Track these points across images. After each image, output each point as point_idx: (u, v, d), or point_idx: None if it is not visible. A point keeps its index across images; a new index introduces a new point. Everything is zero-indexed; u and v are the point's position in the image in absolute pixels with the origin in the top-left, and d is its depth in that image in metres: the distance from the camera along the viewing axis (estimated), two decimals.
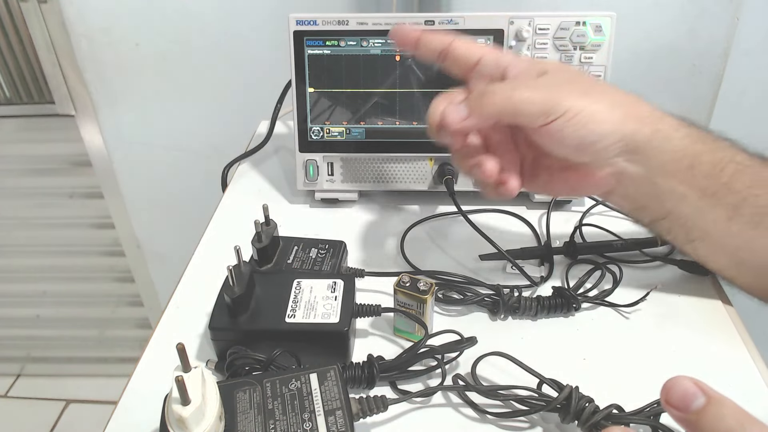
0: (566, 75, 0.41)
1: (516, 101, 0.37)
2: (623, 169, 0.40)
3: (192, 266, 0.53)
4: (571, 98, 0.37)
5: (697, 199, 0.40)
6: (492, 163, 0.40)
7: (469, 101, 0.38)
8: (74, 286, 1.41)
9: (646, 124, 0.39)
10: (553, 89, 0.38)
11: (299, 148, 0.58)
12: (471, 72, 0.41)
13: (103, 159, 1.19)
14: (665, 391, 0.26)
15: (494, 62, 0.40)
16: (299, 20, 0.54)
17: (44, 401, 1.55)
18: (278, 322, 0.41)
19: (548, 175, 0.43)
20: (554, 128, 0.37)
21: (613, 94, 0.39)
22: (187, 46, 1.04)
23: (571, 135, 0.37)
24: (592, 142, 0.38)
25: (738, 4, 0.90)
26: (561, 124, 0.37)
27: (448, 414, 0.39)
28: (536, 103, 0.37)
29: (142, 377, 0.43)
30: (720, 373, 0.41)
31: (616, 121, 0.38)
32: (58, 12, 1.01)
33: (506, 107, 0.38)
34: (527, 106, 0.37)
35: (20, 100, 1.13)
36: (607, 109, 0.38)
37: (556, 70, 0.40)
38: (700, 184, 0.40)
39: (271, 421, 0.34)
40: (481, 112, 0.38)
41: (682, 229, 0.42)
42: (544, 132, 0.38)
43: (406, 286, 0.43)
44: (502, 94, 0.38)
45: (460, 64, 0.42)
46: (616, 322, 0.46)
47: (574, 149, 0.39)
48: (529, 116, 0.37)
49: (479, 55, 0.41)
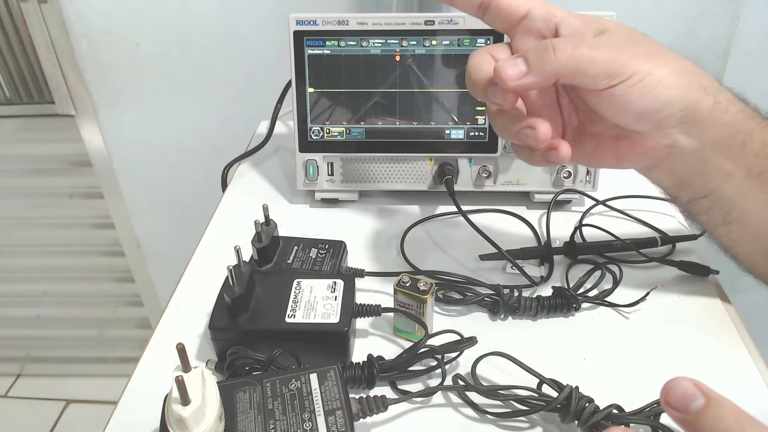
0: (628, 35, 0.38)
1: (581, 59, 0.34)
2: (677, 140, 0.38)
3: (192, 266, 0.53)
4: (637, 61, 0.35)
5: (742, 178, 0.38)
6: (546, 126, 0.36)
7: (529, 56, 0.35)
8: (74, 286, 1.41)
9: (709, 94, 0.36)
10: (618, 50, 0.35)
11: (299, 148, 0.58)
12: (517, 26, 0.38)
13: (103, 159, 1.19)
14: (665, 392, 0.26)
15: (544, 17, 0.37)
16: (299, 20, 0.54)
17: (44, 401, 1.55)
18: (278, 322, 0.41)
19: (595, 143, 0.40)
20: (618, 92, 0.35)
21: (676, 59, 0.37)
22: (187, 46, 1.04)
23: (636, 100, 0.35)
24: (656, 110, 0.36)
25: (738, 4, 0.90)
26: (626, 88, 0.35)
27: (448, 414, 0.39)
28: (601, 63, 0.34)
29: (142, 377, 0.43)
30: (720, 373, 0.41)
31: (682, 87, 0.36)
32: (58, 12, 1.01)
33: (570, 65, 0.34)
34: (592, 66, 0.34)
35: (20, 100, 1.12)
36: (673, 75, 0.36)
37: (616, 29, 0.37)
38: (748, 163, 0.38)
39: (271, 421, 0.34)
40: (542, 69, 0.34)
41: (720, 210, 0.41)
42: (606, 96, 0.35)
43: (406, 286, 0.42)
44: (565, 51, 0.34)
45: (505, 17, 0.38)
46: (616, 322, 0.46)
47: (636, 116, 0.36)
48: (594, 77, 0.35)
49: (527, 8, 0.37)
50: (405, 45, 0.54)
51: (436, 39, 0.54)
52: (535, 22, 0.37)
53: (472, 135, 0.57)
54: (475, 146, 0.57)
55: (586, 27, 0.37)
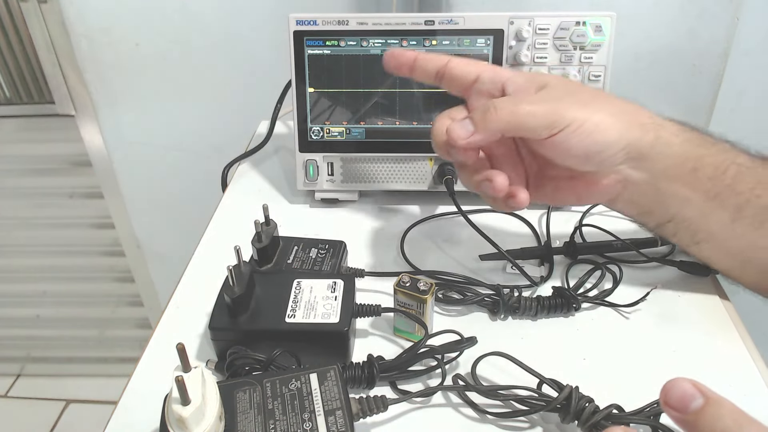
0: (566, 87, 0.41)
1: (520, 115, 0.38)
2: (628, 175, 0.41)
3: (192, 266, 0.53)
4: (573, 109, 0.38)
5: (701, 201, 0.40)
6: (502, 177, 0.40)
7: (473, 117, 0.39)
8: (74, 286, 1.41)
9: (648, 131, 0.39)
10: (555, 102, 0.39)
11: (299, 148, 0.58)
12: (469, 90, 0.42)
13: (103, 159, 1.19)
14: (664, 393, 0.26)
15: (492, 78, 0.41)
16: (299, 20, 0.54)
17: (44, 401, 1.55)
18: (278, 322, 0.41)
19: (554, 185, 0.43)
20: (559, 140, 0.38)
21: (613, 103, 0.40)
22: (187, 46, 1.04)
23: (577, 145, 0.38)
24: (597, 152, 0.39)
25: (738, 4, 0.90)
26: (566, 135, 0.38)
27: (448, 414, 0.39)
28: (539, 116, 0.38)
29: (142, 377, 0.43)
30: (720, 373, 0.41)
31: (619, 129, 0.39)
32: (58, 12, 1.01)
33: (511, 121, 0.38)
34: (531, 119, 0.38)
35: (20, 100, 1.13)
36: (610, 119, 0.39)
37: (556, 83, 0.41)
38: (703, 187, 0.40)
39: (271, 421, 0.34)
40: (486, 127, 0.38)
41: (687, 232, 0.43)
42: (550, 144, 0.39)
43: (406, 286, 0.43)
44: (505, 109, 0.38)
45: (458, 83, 0.42)
46: (616, 322, 0.46)
47: (580, 159, 0.39)
48: (534, 129, 0.38)
49: (476, 73, 0.42)
50: (405, 45, 0.54)
51: (436, 39, 0.54)
52: (484, 84, 0.42)
53: None
54: None
55: (529, 84, 0.41)
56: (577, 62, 0.54)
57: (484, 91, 0.42)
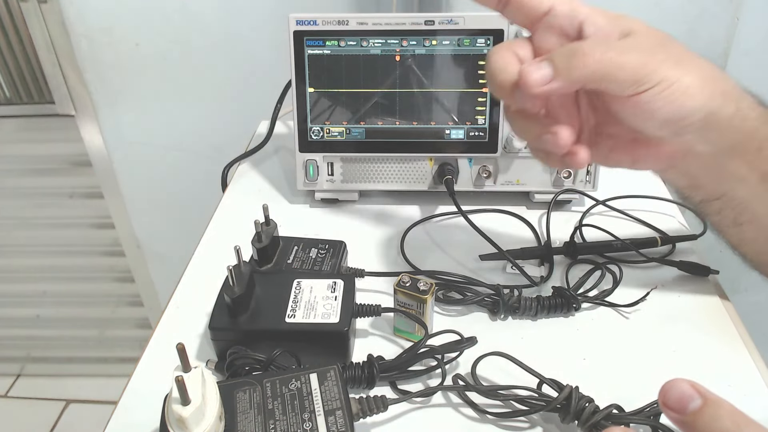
0: (656, 38, 0.36)
1: (610, 65, 0.33)
2: (693, 146, 0.37)
3: (192, 266, 0.53)
4: (665, 67, 0.33)
5: (756, 182, 0.38)
6: (568, 132, 0.35)
7: (554, 61, 0.33)
8: (74, 286, 1.41)
9: (730, 101, 0.36)
10: (647, 54, 0.34)
11: (299, 148, 0.58)
12: (539, 23, 0.36)
13: (103, 159, 1.19)
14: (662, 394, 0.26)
15: (568, 13, 0.35)
16: (299, 20, 0.54)
17: (44, 401, 1.55)
18: (278, 322, 0.41)
19: (611, 145, 0.39)
20: (644, 99, 0.33)
21: (702, 64, 0.36)
22: (187, 46, 1.04)
23: (661, 108, 0.34)
24: (680, 118, 0.35)
25: (738, 4, 0.90)
26: (652, 95, 0.33)
27: (448, 414, 0.39)
28: (629, 69, 0.33)
29: (142, 377, 0.43)
30: (720, 373, 0.41)
31: (706, 95, 0.34)
32: (58, 12, 1.01)
33: (598, 71, 0.33)
34: (621, 72, 0.33)
35: (20, 100, 1.12)
36: (699, 82, 0.34)
37: (643, 31, 0.36)
38: (762, 167, 0.38)
39: (271, 421, 0.34)
40: (569, 75, 0.33)
41: (732, 211, 0.41)
42: (631, 103, 0.34)
43: (406, 286, 0.42)
44: (594, 55, 0.33)
45: (526, 13, 0.36)
46: (616, 322, 0.46)
47: (659, 123, 0.35)
48: (621, 84, 0.33)
49: (550, 4, 0.36)
50: (405, 45, 0.54)
51: (436, 39, 0.54)
52: (558, 18, 0.36)
53: (472, 135, 0.57)
54: (475, 146, 0.57)
55: (612, 27, 0.36)
56: None
57: (556, 27, 0.36)
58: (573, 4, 0.36)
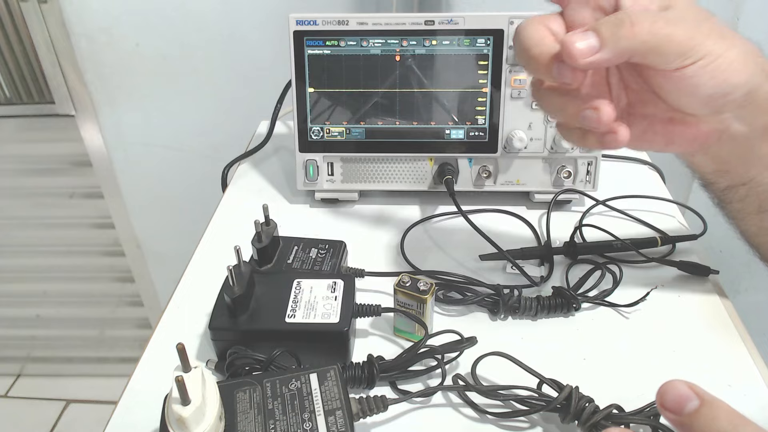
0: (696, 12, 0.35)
1: (660, 36, 0.32)
2: (729, 126, 0.36)
3: (192, 266, 0.53)
4: (711, 40, 0.32)
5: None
6: (610, 108, 0.33)
7: (600, 31, 0.32)
8: (74, 286, 1.41)
9: None
10: (694, 27, 0.33)
11: (299, 148, 0.58)
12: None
13: (103, 159, 1.19)
14: (660, 395, 0.26)
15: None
16: (299, 20, 0.54)
17: (44, 401, 1.55)
18: (278, 322, 0.41)
19: (646, 125, 0.37)
20: (688, 73, 0.32)
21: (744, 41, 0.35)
22: (187, 46, 1.04)
23: (706, 83, 0.33)
24: (724, 93, 0.33)
25: (738, 5, 0.90)
26: (697, 69, 0.32)
27: (448, 414, 0.39)
28: (677, 41, 0.32)
29: (142, 377, 0.43)
30: (720, 373, 0.41)
31: (749, 71, 0.33)
32: (58, 12, 1.01)
33: (648, 41, 0.32)
34: (669, 44, 0.32)
35: (20, 100, 1.13)
36: (742, 57, 0.33)
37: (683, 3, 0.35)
38: None
39: (271, 421, 0.34)
40: (616, 45, 0.32)
41: (757, 198, 0.40)
42: (675, 77, 0.33)
43: (406, 286, 0.42)
44: (643, 25, 0.32)
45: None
46: (616, 322, 0.46)
47: (701, 99, 0.34)
48: (668, 56, 0.32)
49: None
50: (405, 45, 0.54)
51: (436, 39, 0.54)
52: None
53: (472, 135, 0.57)
54: (475, 146, 0.57)
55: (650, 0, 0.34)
56: None
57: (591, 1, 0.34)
58: None
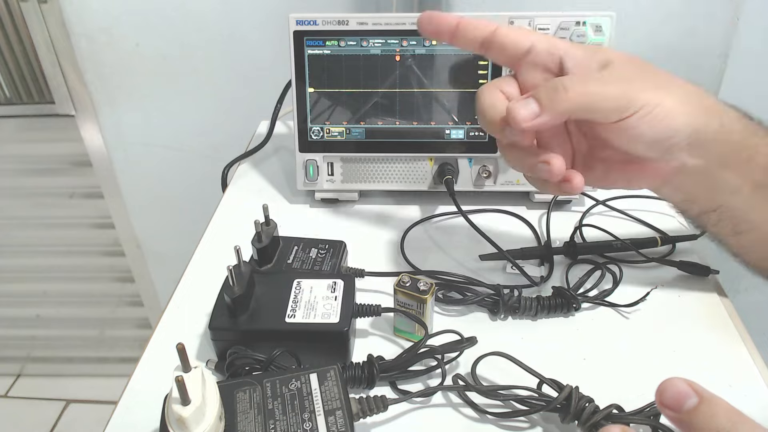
0: (633, 66, 0.38)
1: (592, 96, 0.35)
2: (685, 162, 0.38)
3: (192, 266, 0.53)
4: (646, 92, 0.35)
5: (750, 192, 0.39)
6: (560, 160, 0.36)
7: (538, 97, 0.35)
8: (74, 286, 1.41)
9: (713, 117, 0.37)
10: (627, 82, 0.36)
11: (299, 148, 0.58)
12: (521, 62, 0.39)
13: (103, 159, 1.19)
14: (659, 393, 0.26)
15: (548, 49, 0.38)
16: (299, 20, 0.54)
17: (44, 401, 1.55)
18: (278, 322, 0.41)
19: (605, 168, 0.41)
20: (629, 124, 0.35)
21: (682, 85, 0.38)
22: (187, 46, 1.04)
23: (647, 131, 0.36)
24: (666, 138, 0.36)
25: (738, 4, 0.90)
26: (636, 119, 0.35)
27: (448, 414, 0.39)
28: (612, 98, 0.35)
29: (142, 377, 0.43)
30: (720, 373, 0.41)
31: (688, 114, 0.36)
32: (58, 12, 1.01)
33: (581, 103, 0.35)
34: (603, 102, 0.35)
35: (20, 100, 1.12)
36: (681, 103, 0.36)
37: (621, 60, 0.38)
38: (754, 177, 0.39)
39: (271, 421, 0.34)
40: (554, 109, 0.35)
41: (730, 222, 0.41)
42: (617, 128, 0.36)
43: (406, 286, 0.42)
44: (575, 89, 0.35)
45: (508, 54, 0.39)
46: (616, 322, 0.46)
47: (646, 145, 0.37)
48: (605, 112, 0.35)
49: (529, 43, 0.38)
50: (405, 45, 0.54)
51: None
52: (539, 55, 0.38)
53: (472, 135, 0.57)
54: (475, 146, 0.57)
55: (590, 59, 0.38)
56: None
57: (539, 64, 0.38)
58: (551, 40, 0.38)
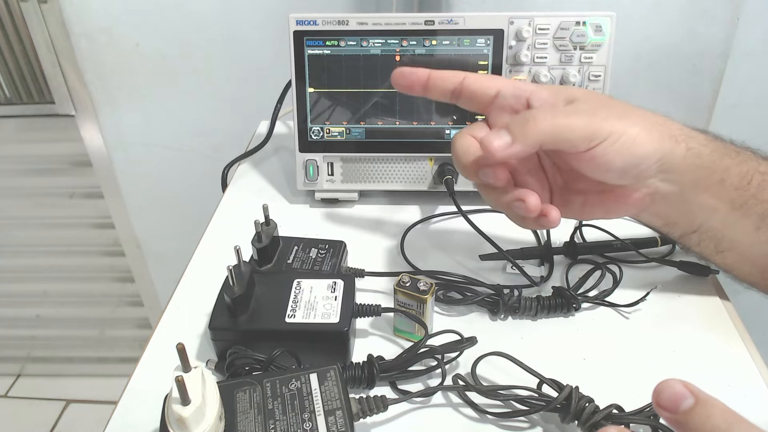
0: (597, 100, 0.41)
1: (560, 126, 0.37)
2: (658, 188, 0.40)
3: (192, 266, 0.53)
4: (611, 122, 0.37)
5: (726, 211, 0.40)
6: (534, 197, 0.38)
7: (511, 128, 0.37)
8: (74, 286, 1.41)
9: (680, 143, 0.39)
10: (592, 114, 0.38)
11: (299, 148, 0.58)
12: (490, 106, 0.41)
13: (103, 159, 1.19)
14: (656, 394, 0.26)
15: (514, 93, 0.40)
16: (299, 20, 0.54)
17: (44, 401, 1.55)
18: (278, 322, 0.41)
19: (582, 200, 0.42)
20: (598, 153, 0.37)
21: (644, 115, 0.40)
22: (187, 46, 1.04)
23: (615, 159, 0.37)
24: (635, 165, 0.38)
25: (738, 5, 0.90)
26: (604, 148, 0.37)
27: (448, 414, 0.39)
28: (579, 128, 0.37)
29: (142, 377, 0.43)
30: (720, 373, 0.41)
31: (654, 141, 0.38)
32: (58, 12, 1.01)
33: (551, 132, 0.37)
34: (571, 132, 0.37)
35: (20, 100, 1.13)
36: (645, 131, 0.38)
37: (585, 96, 0.40)
38: (729, 197, 0.40)
39: (271, 421, 0.34)
40: (526, 138, 0.36)
41: (711, 242, 0.43)
42: (587, 157, 0.38)
43: (406, 286, 0.43)
44: (545, 120, 0.37)
45: (477, 100, 0.41)
46: (616, 322, 0.46)
47: (617, 173, 0.38)
48: (574, 141, 0.37)
49: (496, 88, 0.40)
50: (405, 45, 0.54)
51: (436, 39, 0.54)
52: (506, 99, 0.40)
53: None
54: None
55: (555, 97, 0.40)
56: (577, 62, 0.54)
57: (507, 107, 0.40)
58: (517, 84, 0.41)
